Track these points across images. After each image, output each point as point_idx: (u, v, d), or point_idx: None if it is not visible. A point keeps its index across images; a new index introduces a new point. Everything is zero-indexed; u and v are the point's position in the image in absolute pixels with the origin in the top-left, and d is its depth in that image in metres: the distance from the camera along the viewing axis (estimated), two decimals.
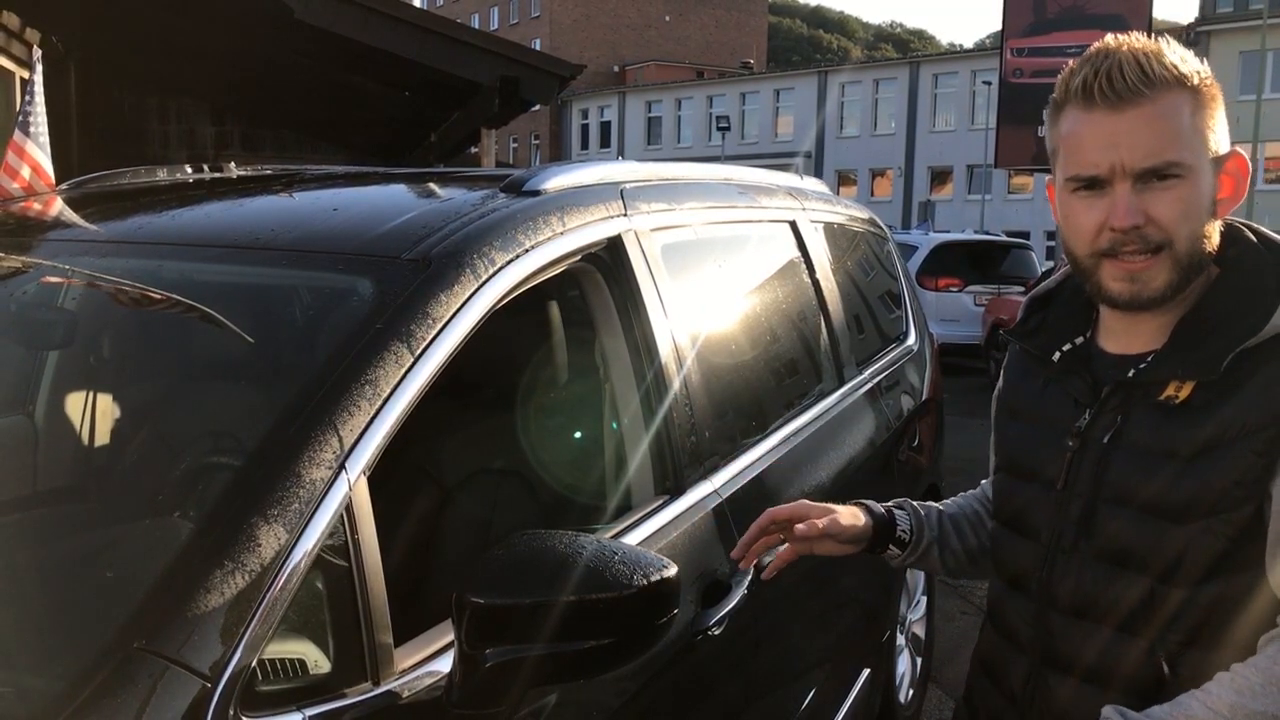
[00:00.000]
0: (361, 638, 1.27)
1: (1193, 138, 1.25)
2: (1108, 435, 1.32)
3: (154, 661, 1.08)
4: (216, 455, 1.44)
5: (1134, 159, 1.23)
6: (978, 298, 13.28)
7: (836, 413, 2.75)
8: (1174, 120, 1.24)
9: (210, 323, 1.56)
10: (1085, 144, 1.27)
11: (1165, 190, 1.24)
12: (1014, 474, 1.47)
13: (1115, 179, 1.25)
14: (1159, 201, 1.24)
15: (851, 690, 2.78)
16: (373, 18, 6.31)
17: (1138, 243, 1.25)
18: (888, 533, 1.55)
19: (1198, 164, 1.25)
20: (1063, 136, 1.31)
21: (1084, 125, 1.27)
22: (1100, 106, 1.25)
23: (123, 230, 2.00)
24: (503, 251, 1.63)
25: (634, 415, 1.93)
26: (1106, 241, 1.27)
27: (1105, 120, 1.24)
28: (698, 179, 2.49)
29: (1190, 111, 1.25)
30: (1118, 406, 1.33)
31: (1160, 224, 1.24)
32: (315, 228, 1.81)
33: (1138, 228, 1.24)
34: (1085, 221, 1.28)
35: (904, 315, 3.93)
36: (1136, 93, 1.23)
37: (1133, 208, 1.24)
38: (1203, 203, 1.26)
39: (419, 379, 1.41)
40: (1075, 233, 1.30)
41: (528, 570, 1.27)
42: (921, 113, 42.63)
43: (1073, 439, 1.36)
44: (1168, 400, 1.28)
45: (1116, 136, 1.24)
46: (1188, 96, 1.25)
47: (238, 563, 1.17)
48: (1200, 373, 1.26)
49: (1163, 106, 1.23)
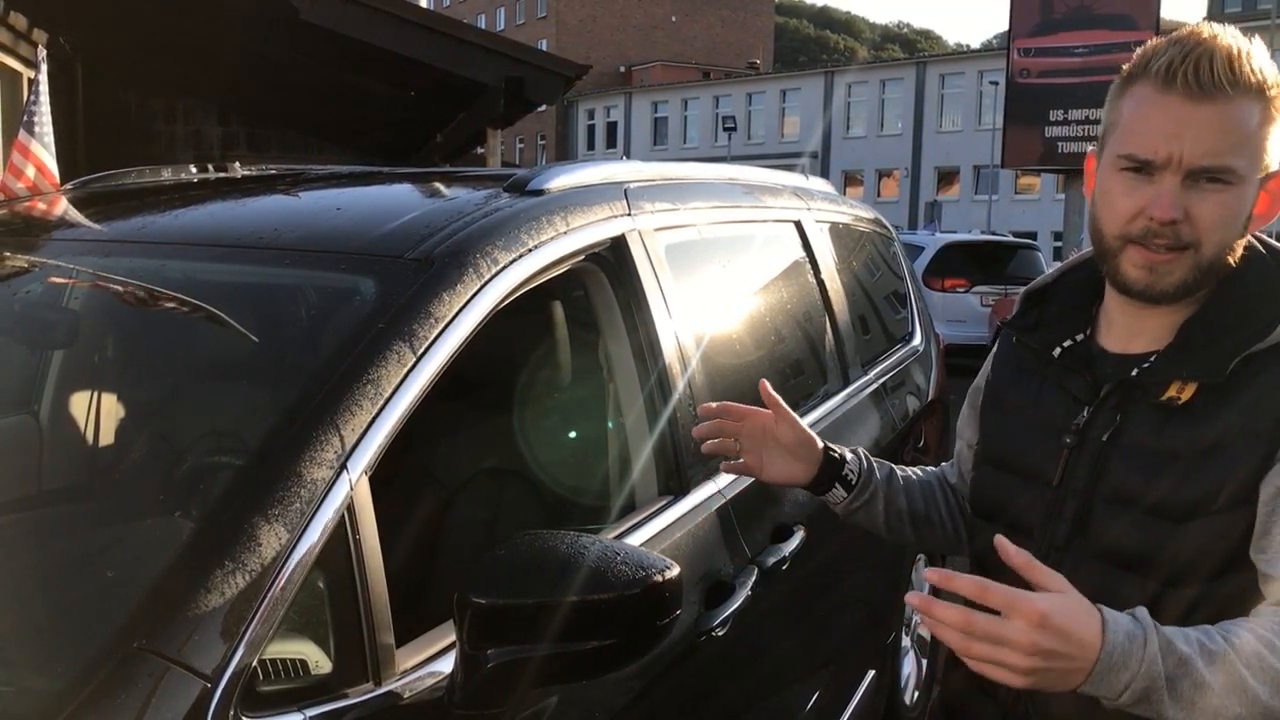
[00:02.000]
0: (363, 638, 1.27)
1: (1253, 148, 1.23)
2: (1106, 434, 1.32)
3: (154, 661, 1.08)
4: (218, 455, 1.44)
5: (1194, 154, 1.21)
6: (984, 298, 13.25)
7: (841, 413, 2.74)
8: (1243, 126, 1.22)
9: (213, 322, 1.56)
10: (1150, 126, 1.24)
11: (1212, 193, 1.23)
12: (1000, 468, 1.46)
13: (1169, 169, 1.23)
14: (1203, 203, 1.23)
15: (856, 692, 2.77)
16: (377, 18, 6.32)
17: (1169, 237, 1.24)
18: (835, 469, 1.59)
19: (1249, 175, 1.24)
20: (1126, 112, 1.28)
21: (1153, 107, 1.24)
22: (1178, 92, 1.21)
23: (127, 230, 2.00)
24: (506, 251, 1.62)
25: (637, 415, 1.92)
26: (1139, 228, 1.25)
27: (1178, 107, 1.22)
28: (702, 179, 2.49)
29: (1259, 122, 1.23)
30: (1117, 405, 1.32)
31: (1197, 225, 1.23)
32: (318, 227, 1.81)
33: (1174, 223, 1.23)
34: (1124, 203, 1.26)
35: (910, 316, 3.92)
36: (1219, 89, 1.20)
37: (1176, 203, 1.22)
38: (1242, 214, 1.26)
39: (421, 379, 1.41)
40: (1110, 211, 1.28)
41: (530, 570, 1.27)
42: (928, 113, 42.58)
43: (1071, 436, 1.35)
44: (1169, 401, 1.27)
45: (1184, 127, 1.21)
46: (1261, 106, 1.23)
47: (238, 562, 1.16)
48: (1206, 374, 1.25)
49: (1238, 109, 1.21)
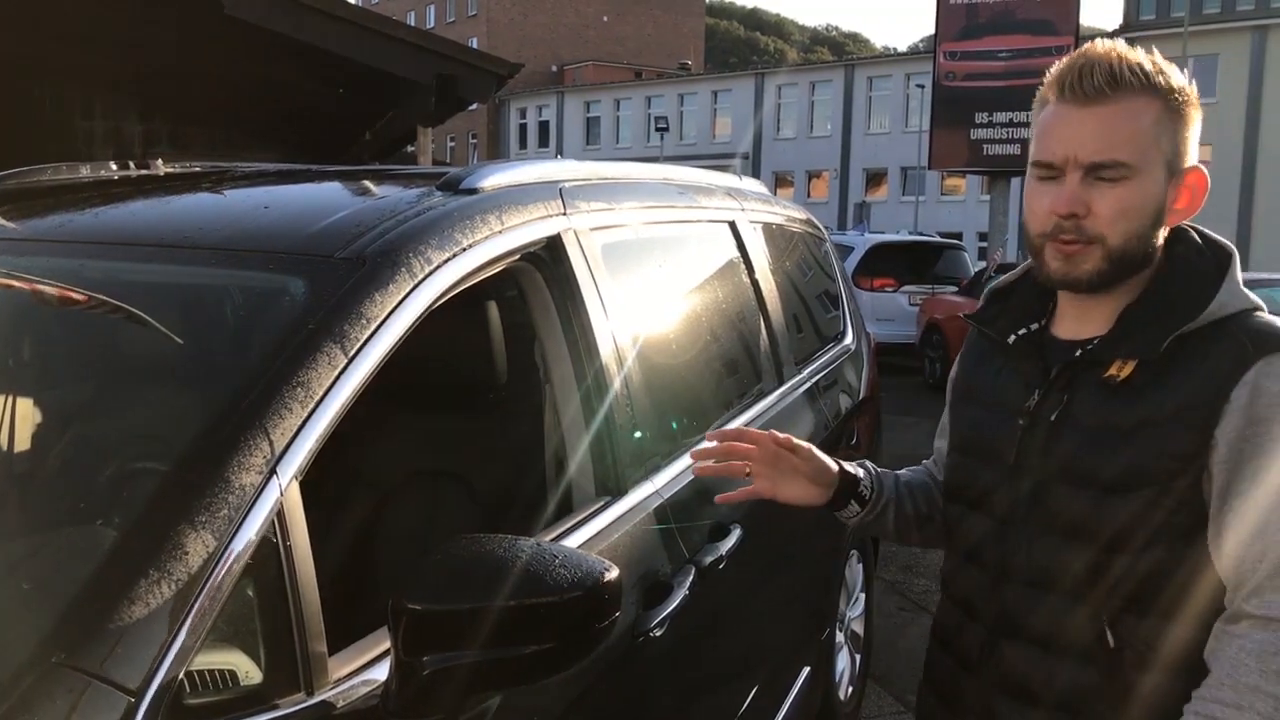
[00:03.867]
0: (294, 647, 1.23)
1: (1147, 143, 1.33)
2: (1055, 413, 1.41)
3: (74, 677, 1.04)
4: (142, 460, 1.39)
5: (1085, 153, 1.33)
6: (912, 298, 13.48)
7: (776, 412, 2.76)
8: (1131, 123, 1.32)
9: (136, 323, 1.51)
10: (1050, 134, 1.37)
11: (1109, 188, 1.33)
12: (968, 454, 1.56)
13: (1068, 169, 1.34)
14: (1101, 198, 1.33)
15: (792, 689, 2.79)
16: (306, 14, 6.20)
17: (1074, 232, 1.35)
18: (850, 487, 1.61)
19: (1146, 168, 1.33)
20: (1036, 127, 1.41)
21: (1053, 117, 1.37)
22: (1069, 101, 1.34)
23: (43, 228, 1.93)
24: (439, 250, 1.60)
25: (574, 416, 1.91)
26: (1050, 225, 1.36)
27: (1070, 114, 1.34)
28: (637, 179, 2.48)
29: (1153, 119, 1.33)
30: (1065, 386, 1.41)
31: (1098, 217, 1.33)
32: (246, 226, 1.76)
33: (1076, 216, 1.34)
34: (1038, 205, 1.38)
35: (842, 315, 3.97)
36: (1100, 93, 1.32)
37: (1075, 198, 1.33)
38: (1145, 206, 1.34)
39: (353, 381, 1.38)
40: (1030, 213, 1.40)
41: (466, 575, 1.25)
42: (857, 115, 43.17)
43: (1023, 418, 1.44)
44: (1110, 379, 1.36)
45: (1076, 130, 1.33)
46: (1153, 104, 1.33)
47: (164, 571, 1.13)
48: (1143, 353, 1.35)
49: (1124, 109, 1.32)
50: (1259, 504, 1.27)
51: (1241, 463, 1.28)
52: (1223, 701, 1.25)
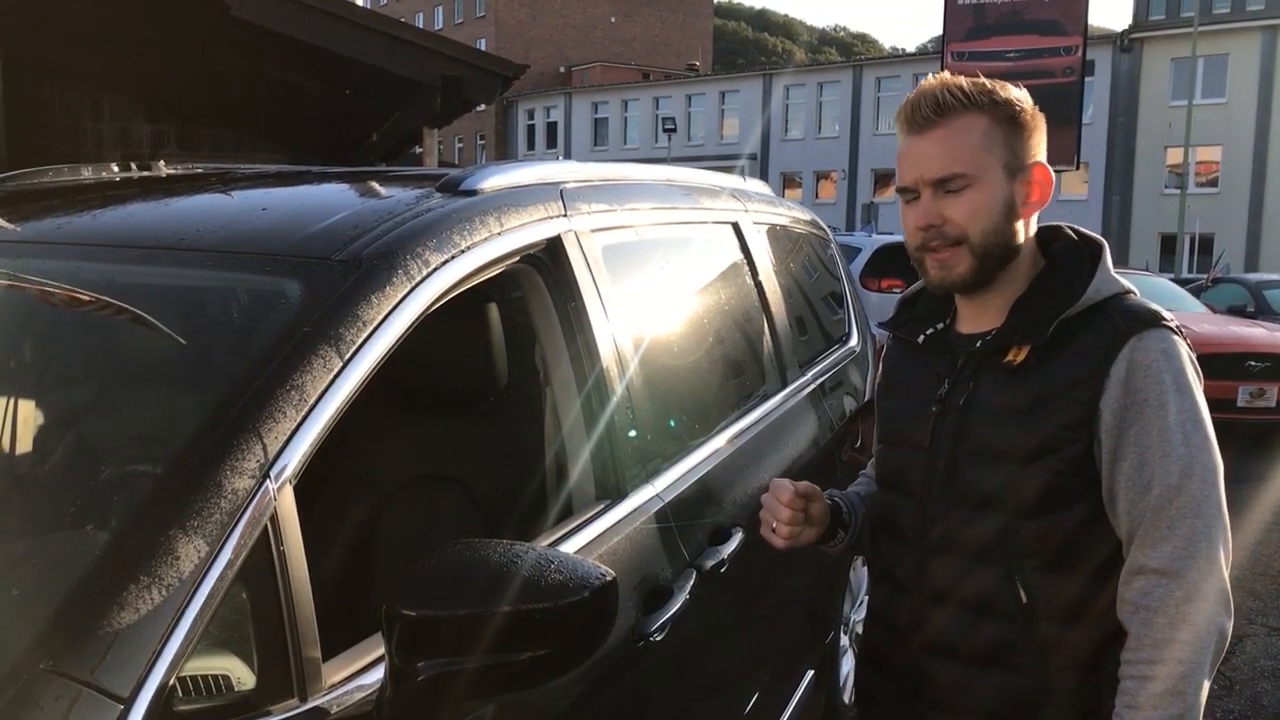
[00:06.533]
0: (287, 652, 1.22)
1: (981, 153, 1.51)
2: (963, 398, 1.58)
3: (63, 684, 1.03)
4: (134, 464, 1.38)
5: (929, 172, 1.52)
6: None
7: (779, 414, 2.74)
8: (962, 139, 1.51)
9: (134, 325, 1.50)
10: (902, 162, 1.57)
11: (955, 196, 1.51)
12: (891, 443, 1.72)
13: (921, 188, 1.53)
14: (951, 205, 1.52)
15: (795, 692, 2.77)
16: (311, 15, 6.20)
17: (940, 238, 1.53)
18: (835, 516, 1.75)
19: (984, 174, 1.51)
20: (896, 157, 1.60)
21: (901, 148, 1.57)
22: (909, 132, 1.55)
23: (42, 230, 1.92)
24: (437, 252, 1.59)
25: (575, 418, 1.90)
26: (919, 239, 1.56)
27: (912, 143, 1.55)
28: (639, 180, 2.47)
29: (982, 131, 1.51)
30: (970, 375, 1.59)
31: (954, 223, 1.52)
32: (243, 227, 1.75)
33: (935, 226, 1.53)
34: (907, 224, 1.57)
35: (846, 316, 3.95)
36: (929, 120, 1.52)
37: (930, 211, 1.53)
38: (993, 205, 1.52)
39: (348, 384, 1.37)
40: (905, 233, 1.59)
41: (462, 581, 1.24)
42: (865, 116, 43.08)
43: (936, 405, 1.61)
44: (1008, 364, 1.54)
45: (918, 155, 1.53)
46: (981, 119, 1.51)
47: (155, 577, 1.12)
48: (1032, 338, 1.52)
49: (953, 128, 1.51)
50: (1142, 465, 1.45)
51: (1124, 429, 1.46)
52: (1146, 660, 1.41)
